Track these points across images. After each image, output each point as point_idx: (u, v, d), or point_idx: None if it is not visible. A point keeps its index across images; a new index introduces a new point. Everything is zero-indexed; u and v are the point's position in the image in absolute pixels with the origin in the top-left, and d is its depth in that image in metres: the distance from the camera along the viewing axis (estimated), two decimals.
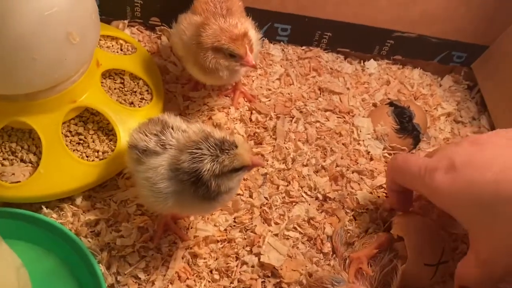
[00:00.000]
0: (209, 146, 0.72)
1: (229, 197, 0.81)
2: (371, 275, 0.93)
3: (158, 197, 0.77)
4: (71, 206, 0.96)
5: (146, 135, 0.81)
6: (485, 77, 1.30)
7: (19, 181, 0.91)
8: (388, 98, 1.27)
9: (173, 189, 0.77)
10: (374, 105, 1.26)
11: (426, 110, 1.26)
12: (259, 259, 0.94)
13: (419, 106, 1.22)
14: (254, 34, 0.99)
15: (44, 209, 0.95)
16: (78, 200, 0.97)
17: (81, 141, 0.98)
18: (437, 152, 0.84)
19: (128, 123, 0.98)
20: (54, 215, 0.95)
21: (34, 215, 0.91)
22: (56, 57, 0.81)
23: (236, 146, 0.73)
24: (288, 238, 0.99)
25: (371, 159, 1.13)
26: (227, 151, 0.72)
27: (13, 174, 0.91)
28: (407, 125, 1.15)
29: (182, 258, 0.95)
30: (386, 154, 1.14)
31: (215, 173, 0.72)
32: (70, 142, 0.97)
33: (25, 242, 0.91)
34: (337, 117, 1.19)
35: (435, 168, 0.77)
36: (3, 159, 0.93)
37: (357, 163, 1.11)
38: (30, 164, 0.93)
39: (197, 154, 0.73)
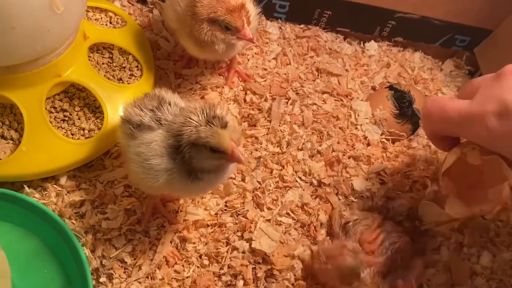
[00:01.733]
0: (201, 115, 0.69)
1: (214, 180, 0.77)
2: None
3: (149, 173, 0.74)
4: (54, 186, 0.92)
5: (141, 110, 0.77)
6: (488, 62, 1.26)
7: (0, 159, 0.86)
8: (388, 82, 1.23)
9: (164, 167, 0.73)
10: (373, 88, 1.22)
11: (426, 95, 1.22)
12: (250, 245, 0.91)
13: (419, 91, 1.18)
14: (252, 8, 0.94)
15: (26, 188, 0.90)
16: (63, 180, 0.93)
17: (66, 118, 0.93)
18: (472, 90, 0.76)
19: (116, 100, 0.94)
20: (37, 195, 0.91)
21: (15, 194, 0.86)
22: (37, 27, 0.76)
23: (224, 127, 0.69)
24: (280, 224, 0.96)
25: (368, 144, 1.09)
26: (211, 125, 0.68)
27: None
28: (406, 110, 1.11)
29: (171, 242, 0.92)
30: (384, 140, 1.11)
31: (190, 140, 0.69)
32: (54, 118, 0.92)
33: (5, 223, 0.87)
34: (335, 100, 1.15)
35: (483, 113, 0.70)
36: None
37: (354, 148, 1.08)
38: (11, 141, 0.89)
39: (188, 118, 0.69)
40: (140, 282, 0.86)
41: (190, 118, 0.70)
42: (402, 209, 1.01)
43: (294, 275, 0.91)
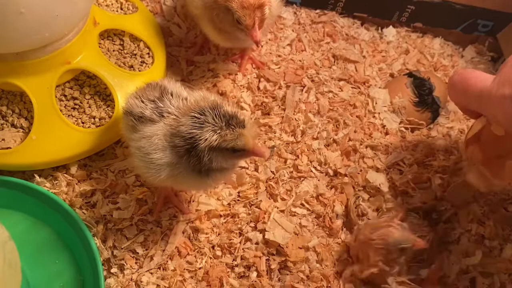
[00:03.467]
0: (215, 116, 0.66)
1: (222, 176, 0.75)
2: None
3: (150, 168, 0.72)
4: (65, 175, 0.91)
5: (142, 101, 0.75)
6: None
7: (9, 147, 0.86)
8: (407, 69, 1.18)
9: (167, 161, 0.71)
10: (392, 75, 1.18)
11: (446, 83, 1.18)
12: (263, 236, 0.89)
13: (439, 78, 1.14)
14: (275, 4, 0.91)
15: (37, 177, 0.89)
16: (73, 169, 0.92)
17: (77, 106, 0.92)
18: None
19: (127, 88, 0.91)
20: (48, 184, 0.90)
21: (26, 183, 0.85)
22: (46, 12, 0.74)
23: (244, 126, 0.66)
24: (295, 215, 0.93)
25: (387, 133, 1.06)
26: (233, 127, 0.66)
27: (3, 139, 0.86)
28: (426, 98, 1.07)
29: (183, 233, 0.90)
30: (403, 129, 1.07)
31: (211, 145, 0.66)
32: (64, 106, 0.91)
33: (16, 212, 0.86)
34: (352, 88, 1.11)
35: (500, 95, 0.67)
36: None
37: (372, 137, 1.04)
38: (21, 130, 0.87)
39: (199, 120, 0.66)
40: (151, 273, 0.85)
41: (206, 122, 0.66)
42: (422, 201, 0.98)
43: (309, 267, 0.89)
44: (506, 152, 0.82)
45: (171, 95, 0.75)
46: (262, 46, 1.07)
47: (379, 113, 1.07)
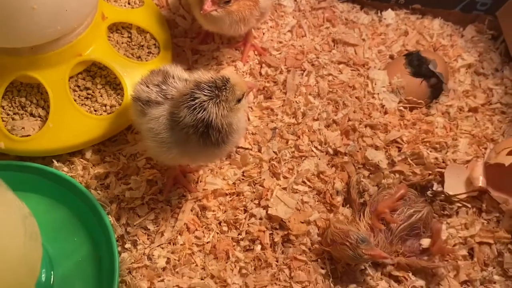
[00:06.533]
0: (204, 91, 0.71)
1: (239, 136, 0.81)
2: (385, 229, 0.93)
3: (162, 147, 0.78)
4: (81, 159, 0.98)
5: (148, 86, 0.81)
6: (511, 25, 1.22)
7: (29, 135, 0.93)
8: (406, 50, 1.21)
9: (176, 138, 0.77)
10: (391, 57, 1.21)
11: (446, 62, 1.20)
12: (267, 211, 0.94)
13: (440, 56, 1.16)
14: None
15: (55, 162, 0.96)
16: (88, 154, 0.98)
17: (90, 96, 0.98)
18: None
19: (135, 77, 0.97)
20: (65, 169, 0.97)
21: (45, 168, 0.93)
22: (56, 7, 0.81)
23: (229, 78, 0.72)
24: (296, 192, 0.98)
25: (386, 112, 1.09)
26: (224, 86, 0.71)
27: (23, 128, 0.93)
28: (419, 69, 1.10)
29: (191, 211, 0.96)
30: (402, 108, 1.10)
31: (223, 114, 0.72)
32: (78, 96, 0.97)
33: (37, 195, 0.93)
34: (351, 70, 1.15)
35: None
36: (14, 113, 0.95)
37: (371, 116, 1.08)
38: (39, 118, 0.94)
39: (196, 104, 0.71)
40: (162, 248, 0.91)
41: (203, 102, 0.72)
42: (421, 177, 1.01)
43: (311, 240, 0.94)
44: None
45: (173, 77, 0.82)
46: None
47: (378, 93, 1.11)
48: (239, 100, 0.75)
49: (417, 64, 1.10)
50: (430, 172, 1.02)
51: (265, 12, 1.03)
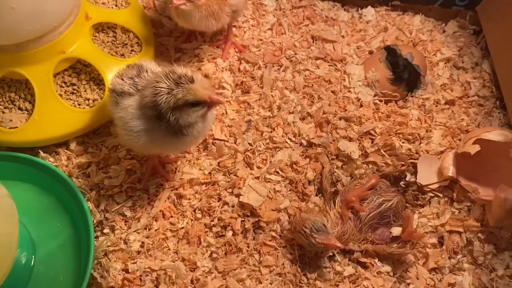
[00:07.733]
0: (167, 80, 0.77)
1: (198, 132, 0.84)
2: (355, 217, 0.96)
3: (131, 135, 0.83)
4: (65, 150, 1.04)
5: (122, 79, 0.87)
6: (489, 20, 1.24)
7: (16, 127, 1.00)
8: (385, 45, 1.24)
9: (144, 127, 0.82)
10: (370, 52, 1.24)
11: (425, 57, 1.23)
12: (239, 199, 0.98)
13: (418, 51, 1.19)
14: None
15: (42, 153, 1.03)
16: (72, 145, 1.04)
17: (75, 91, 1.05)
18: None
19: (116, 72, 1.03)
20: (51, 159, 1.03)
21: (31, 158, 0.99)
22: (35, 7, 0.87)
23: (192, 81, 0.77)
24: (269, 181, 1.02)
25: (361, 105, 1.12)
26: (182, 85, 0.76)
27: (11, 120, 1.00)
28: (402, 74, 1.13)
29: (168, 198, 1.01)
30: (377, 101, 1.13)
31: (170, 105, 0.76)
32: (64, 92, 1.04)
33: (24, 183, 1.00)
34: (328, 65, 1.19)
35: None
36: (4, 107, 1.02)
37: (346, 110, 1.11)
38: (26, 112, 1.01)
39: (157, 89, 0.77)
40: (138, 233, 0.96)
41: (160, 87, 0.77)
42: (393, 168, 1.04)
43: (281, 227, 0.98)
44: None
45: (147, 71, 0.87)
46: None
47: (354, 87, 1.14)
48: (193, 105, 0.78)
49: (392, 57, 1.13)
50: (403, 163, 1.04)
51: (238, 10, 1.08)
